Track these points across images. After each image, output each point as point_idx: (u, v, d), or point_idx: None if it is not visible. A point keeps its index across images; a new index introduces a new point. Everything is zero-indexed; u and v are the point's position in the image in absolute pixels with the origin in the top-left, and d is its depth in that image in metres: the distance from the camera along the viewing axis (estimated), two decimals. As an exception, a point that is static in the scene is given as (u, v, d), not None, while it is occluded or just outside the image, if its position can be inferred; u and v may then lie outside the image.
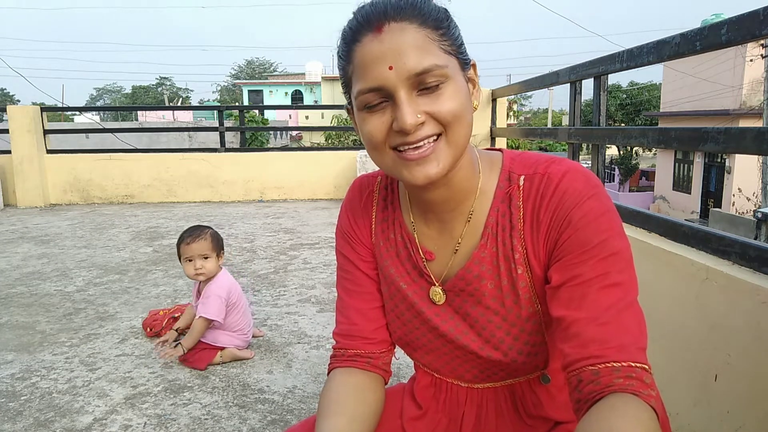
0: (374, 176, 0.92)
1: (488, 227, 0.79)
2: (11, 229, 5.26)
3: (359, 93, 0.69)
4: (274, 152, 7.78)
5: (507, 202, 0.78)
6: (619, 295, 0.68)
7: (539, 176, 0.76)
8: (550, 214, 0.73)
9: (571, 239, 0.71)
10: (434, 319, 0.83)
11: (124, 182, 6.82)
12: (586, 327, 0.67)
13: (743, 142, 1.33)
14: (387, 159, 0.72)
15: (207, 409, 1.92)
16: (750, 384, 1.22)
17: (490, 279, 0.78)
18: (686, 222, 1.64)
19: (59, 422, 1.84)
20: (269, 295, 3.14)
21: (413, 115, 0.66)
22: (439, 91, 0.67)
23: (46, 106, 7.76)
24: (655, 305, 1.59)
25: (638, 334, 0.67)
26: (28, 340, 2.54)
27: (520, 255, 0.76)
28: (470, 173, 0.78)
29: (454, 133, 0.69)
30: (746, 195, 17.30)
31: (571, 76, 2.58)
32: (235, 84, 52.98)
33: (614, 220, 0.72)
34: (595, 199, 0.72)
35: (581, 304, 0.68)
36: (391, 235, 0.87)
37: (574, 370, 0.67)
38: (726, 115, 17.34)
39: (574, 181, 0.73)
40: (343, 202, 0.94)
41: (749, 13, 1.30)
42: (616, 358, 0.64)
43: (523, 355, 0.79)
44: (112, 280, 3.50)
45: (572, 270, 0.70)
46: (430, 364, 0.90)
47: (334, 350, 0.91)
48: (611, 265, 0.69)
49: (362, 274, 0.90)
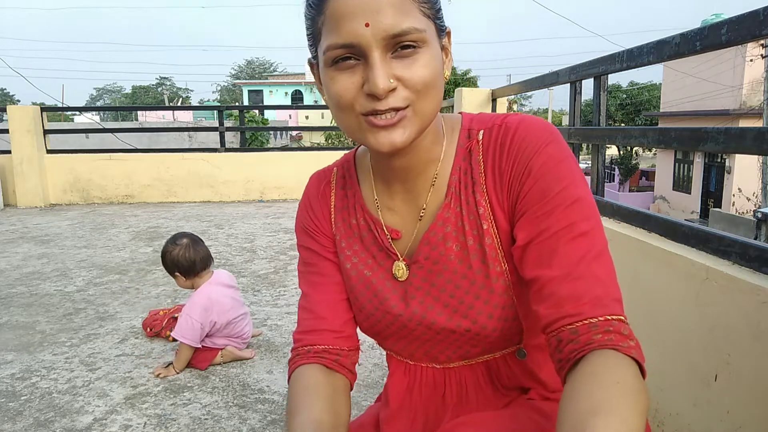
0: (329, 169, 0.89)
1: (451, 187, 0.76)
2: (11, 229, 5.26)
3: (329, 48, 0.64)
4: (274, 152, 7.79)
5: (468, 158, 0.76)
6: (587, 245, 0.67)
7: (497, 127, 0.75)
8: (511, 163, 0.72)
9: (532, 190, 0.69)
10: (398, 305, 0.80)
11: (124, 182, 6.82)
12: (559, 285, 0.66)
13: (743, 142, 1.33)
14: (353, 121, 0.68)
15: (207, 409, 1.92)
16: (750, 384, 1.22)
17: (456, 240, 0.76)
18: (686, 222, 1.64)
19: (59, 422, 1.84)
20: (269, 295, 3.14)
21: (386, 79, 0.63)
22: (415, 56, 0.64)
23: (46, 106, 7.77)
24: (655, 305, 1.58)
25: (611, 285, 0.66)
26: (28, 340, 2.54)
27: (485, 210, 0.74)
28: (434, 138, 0.76)
29: (423, 103, 0.66)
30: (746, 195, 17.30)
31: (571, 76, 2.58)
32: (235, 84, 52.98)
33: (574, 166, 0.70)
34: (553, 145, 0.70)
35: (551, 261, 0.67)
36: (353, 220, 0.84)
37: (552, 331, 0.66)
38: (726, 115, 17.35)
39: (531, 127, 0.72)
40: (301, 199, 0.90)
41: (749, 13, 1.30)
42: (593, 314, 0.64)
43: (493, 320, 0.75)
44: (112, 280, 3.50)
45: (538, 224, 0.68)
46: (402, 351, 0.86)
47: (296, 350, 0.83)
48: (576, 214, 0.67)
49: (329, 263, 0.85)
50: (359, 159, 0.86)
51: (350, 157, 0.88)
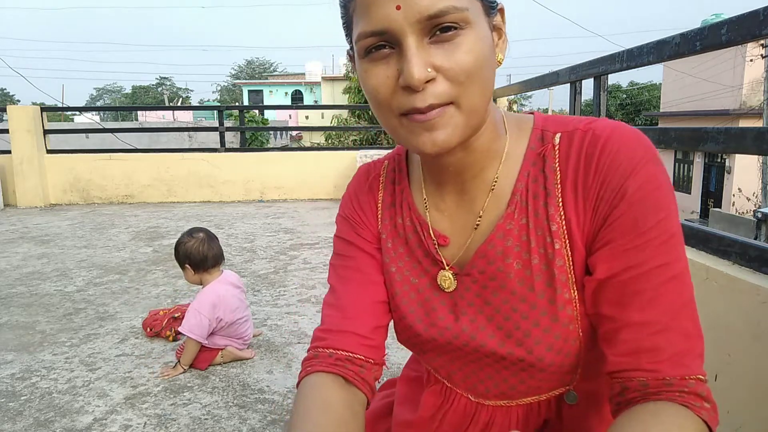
0: (380, 161, 0.81)
1: (516, 194, 0.66)
2: (11, 229, 5.26)
3: (360, 36, 0.57)
4: (274, 152, 7.78)
5: (540, 164, 0.65)
6: (677, 290, 0.58)
7: (580, 133, 0.63)
8: (600, 181, 0.60)
9: (624, 217, 0.59)
10: (446, 317, 0.71)
11: (124, 182, 6.82)
12: (638, 334, 0.58)
13: (743, 142, 1.33)
14: (392, 120, 0.60)
15: (207, 409, 1.92)
16: (750, 384, 1.22)
17: (518, 257, 0.66)
18: (686, 222, 1.64)
19: (59, 422, 1.84)
20: (269, 295, 3.14)
21: (422, 68, 0.55)
22: (456, 41, 0.55)
23: (46, 106, 7.76)
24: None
25: (696, 338, 0.59)
26: (28, 340, 2.54)
27: (559, 227, 0.63)
28: (493, 135, 0.66)
29: (469, 95, 0.57)
30: (746, 195, 17.29)
31: (571, 76, 2.58)
32: (235, 84, 52.97)
33: (671, 193, 0.60)
34: (652, 165, 0.59)
35: (633, 304, 0.58)
36: (399, 220, 0.75)
37: (619, 377, 0.59)
38: (726, 115, 17.35)
39: (626, 140, 0.61)
40: (347, 189, 0.82)
41: (749, 13, 1.30)
42: (670, 373, 0.57)
43: (552, 352, 0.65)
44: (112, 280, 3.50)
45: (625, 259, 0.59)
46: (441, 369, 0.77)
47: (314, 350, 0.72)
48: (670, 252, 0.58)
49: (368, 259, 0.76)
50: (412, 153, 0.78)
51: (402, 150, 0.79)
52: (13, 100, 52.40)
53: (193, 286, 3.29)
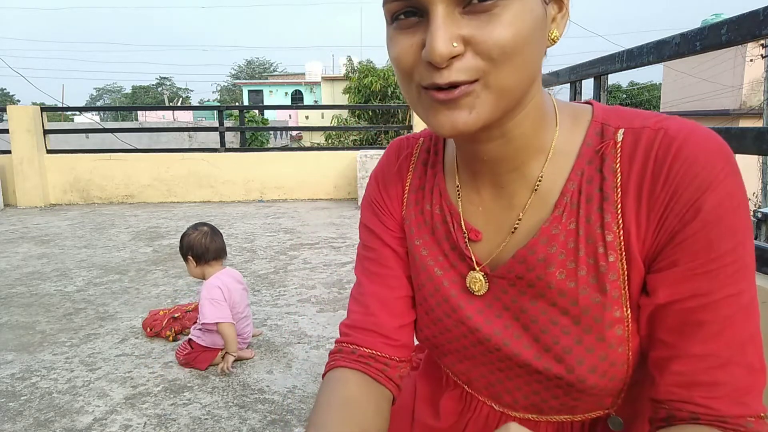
0: (415, 137, 0.73)
1: (566, 195, 0.58)
2: (11, 229, 5.26)
3: (386, 0, 0.52)
4: (274, 152, 7.79)
5: (597, 163, 0.57)
6: (745, 321, 0.52)
7: (650, 131, 0.54)
8: (671, 190, 0.52)
9: (696, 237, 0.51)
10: (475, 317, 0.64)
11: (124, 182, 6.83)
12: (695, 367, 0.52)
13: (743, 142, 1.33)
14: (413, 93, 0.54)
15: (207, 409, 1.92)
16: (750, 384, 1.22)
17: (561, 266, 0.58)
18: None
19: (59, 422, 1.84)
20: (269, 295, 3.15)
21: (447, 42, 0.47)
22: (495, 11, 0.47)
23: (46, 106, 7.77)
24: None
25: (760, 373, 0.52)
26: (28, 340, 2.54)
27: (615, 237, 0.55)
28: (539, 126, 0.58)
29: (501, 74, 0.48)
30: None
31: (571, 76, 2.58)
32: (235, 84, 53.01)
33: (749, 212, 0.53)
34: (732, 179, 0.52)
35: (696, 335, 0.52)
36: (427, 206, 0.68)
37: (667, 405, 0.54)
38: (726, 115, 17.36)
39: (705, 146, 0.52)
40: (377, 166, 0.76)
41: (749, 13, 1.30)
42: (726, 412, 0.51)
43: (596, 375, 0.58)
44: (112, 280, 3.50)
45: (692, 285, 0.52)
46: (462, 374, 0.71)
47: (340, 344, 0.70)
48: (742, 281, 0.52)
49: (391, 252, 0.71)
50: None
51: None
52: (13, 100, 52.43)
53: (193, 286, 3.30)
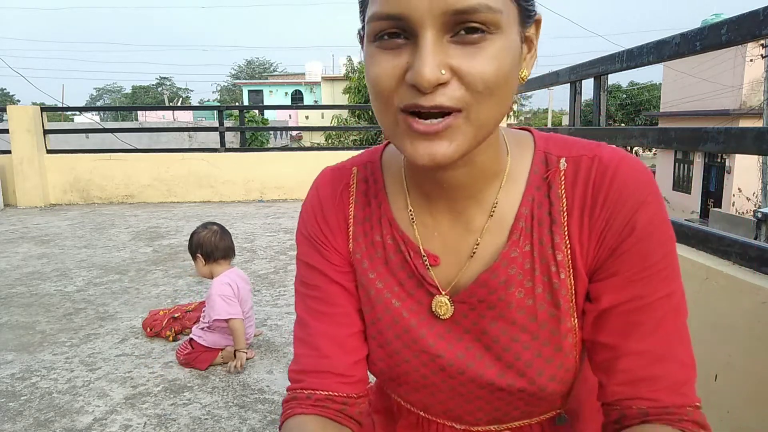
0: (347, 167, 0.72)
1: (520, 220, 0.62)
2: (11, 229, 5.26)
3: (373, 17, 0.51)
4: (274, 152, 7.79)
5: (544, 190, 0.62)
6: (675, 320, 0.59)
7: (587, 159, 0.61)
8: (608, 212, 0.59)
9: (633, 250, 0.58)
10: (437, 343, 0.66)
11: (124, 182, 6.82)
12: (637, 363, 0.58)
13: (743, 142, 1.33)
14: (391, 119, 0.54)
15: (207, 409, 1.92)
16: (750, 384, 1.22)
17: (521, 286, 0.62)
18: (686, 222, 1.64)
19: (59, 422, 1.84)
20: (269, 295, 3.15)
21: (435, 68, 0.48)
22: (481, 45, 0.49)
23: (46, 106, 7.77)
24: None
25: (691, 368, 0.60)
26: (28, 340, 2.54)
27: (564, 256, 0.61)
28: (496, 154, 0.62)
29: (482, 108, 0.51)
30: (746, 195, 17.29)
31: (571, 76, 2.58)
32: (235, 84, 52.99)
33: (670, 223, 0.61)
34: (657, 198, 0.60)
35: (634, 334, 0.59)
36: (377, 237, 0.68)
37: (617, 406, 0.60)
38: (726, 115, 17.34)
39: (634, 172, 0.59)
40: (306, 201, 0.73)
41: (749, 13, 1.30)
42: (669, 402, 0.58)
43: (554, 382, 0.64)
44: (112, 280, 3.50)
45: (630, 290, 0.59)
46: (418, 402, 0.71)
47: (293, 391, 0.69)
48: (672, 284, 0.59)
49: (338, 289, 0.69)
50: (387, 160, 0.71)
51: (375, 157, 0.72)
52: (13, 100, 52.41)
53: (193, 286, 3.30)
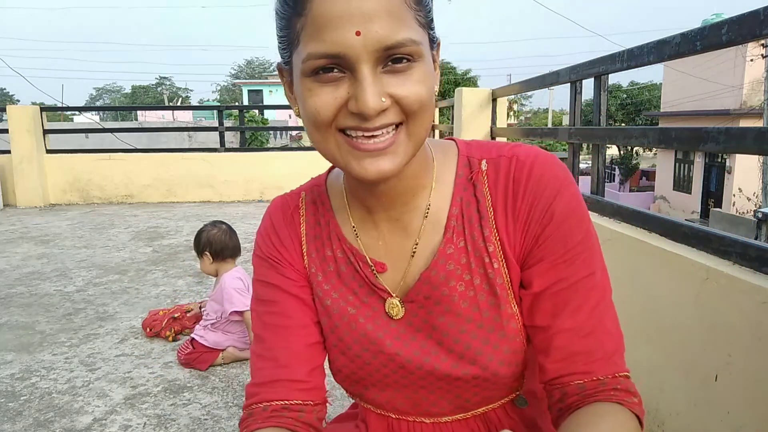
0: (295, 193, 0.79)
1: (451, 219, 0.68)
2: (11, 229, 5.26)
3: (310, 56, 0.55)
4: (274, 152, 7.79)
5: (470, 189, 0.69)
6: (599, 296, 0.65)
7: (505, 159, 0.68)
8: (528, 204, 0.65)
9: (554, 235, 0.65)
10: (394, 344, 0.70)
11: (123, 182, 6.82)
12: (570, 339, 0.64)
13: (744, 142, 1.33)
14: (331, 143, 0.60)
15: (207, 409, 1.92)
16: (750, 384, 1.22)
17: (460, 279, 0.68)
18: (686, 222, 1.64)
19: (59, 422, 1.84)
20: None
21: (377, 97, 0.55)
22: (409, 72, 0.56)
23: (46, 106, 7.77)
24: (655, 305, 1.58)
25: (618, 338, 0.65)
26: (27, 340, 2.54)
27: (495, 247, 0.67)
28: (424, 163, 0.68)
29: (416, 124, 0.59)
30: (747, 195, 17.29)
31: (571, 76, 2.58)
32: (235, 84, 52.99)
33: (586, 208, 0.67)
34: (572, 187, 0.66)
35: (564, 312, 0.64)
36: (328, 252, 0.73)
37: (557, 384, 0.65)
38: (726, 115, 17.34)
39: (548, 165, 0.66)
40: (260, 226, 0.78)
41: (749, 12, 1.30)
42: (603, 372, 0.63)
43: (505, 366, 0.68)
44: (112, 280, 3.50)
45: (556, 273, 0.65)
46: (386, 403, 0.75)
47: (249, 408, 0.70)
48: (593, 262, 0.65)
49: (295, 302, 0.73)
50: (331, 183, 0.77)
51: (321, 181, 0.78)
52: (13, 100, 52.41)
53: (192, 286, 3.30)
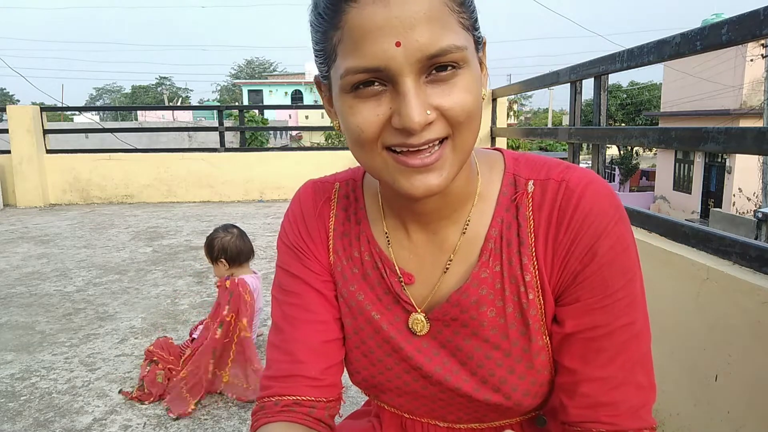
0: (329, 182, 0.74)
1: (490, 241, 0.64)
2: (11, 229, 5.25)
3: (349, 71, 0.52)
4: (274, 152, 7.78)
5: (513, 211, 0.64)
6: (636, 347, 0.61)
7: (554, 183, 0.62)
8: (571, 237, 0.61)
9: (594, 277, 0.60)
10: (416, 356, 0.68)
11: (123, 182, 6.82)
12: (598, 389, 0.61)
13: (744, 142, 1.33)
14: (377, 161, 0.56)
15: (207, 409, 1.92)
16: (750, 384, 1.22)
17: (492, 305, 0.64)
18: (686, 222, 1.64)
19: (59, 422, 1.84)
20: (269, 295, 3.14)
21: (422, 111, 0.51)
22: (454, 80, 0.52)
23: (46, 106, 7.77)
24: (655, 305, 1.58)
25: (649, 391, 0.62)
26: (27, 340, 2.54)
27: (532, 277, 0.63)
28: (469, 176, 0.64)
29: (463, 136, 0.54)
30: (746, 195, 17.29)
31: (571, 75, 2.58)
32: (235, 84, 52.98)
33: (636, 252, 0.62)
34: (622, 224, 0.61)
35: (596, 361, 0.61)
36: (355, 253, 0.70)
37: (578, 427, 0.63)
38: (726, 114, 17.33)
39: (599, 197, 0.61)
40: (288, 211, 0.75)
41: (749, 12, 1.30)
42: (626, 426, 0.60)
43: (529, 397, 0.66)
44: (112, 280, 3.50)
45: (591, 319, 0.61)
46: (401, 407, 0.74)
47: (261, 401, 0.69)
48: (634, 311, 0.61)
49: (317, 296, 0.70)
50: (368, 181, 0.73)
51: (358, 176, 0.74)
52: (13, 100, 52.40)
53: (192, 287, 3.30)
